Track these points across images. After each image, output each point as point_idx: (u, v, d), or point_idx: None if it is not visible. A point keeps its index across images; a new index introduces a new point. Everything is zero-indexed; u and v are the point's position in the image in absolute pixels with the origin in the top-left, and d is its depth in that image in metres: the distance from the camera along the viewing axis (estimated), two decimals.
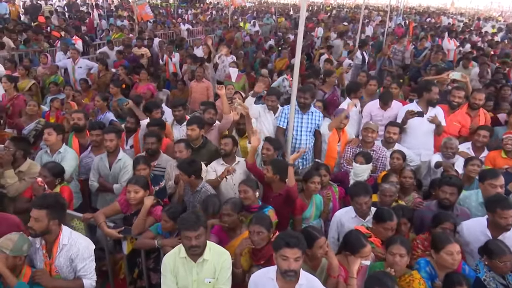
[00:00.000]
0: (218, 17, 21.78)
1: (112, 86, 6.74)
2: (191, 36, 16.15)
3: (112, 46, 10.67)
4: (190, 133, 4.51)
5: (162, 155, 4.56)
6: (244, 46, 12.75)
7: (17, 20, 13.65)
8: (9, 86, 6.38)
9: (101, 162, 4.46)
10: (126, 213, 3.69)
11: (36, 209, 2.82)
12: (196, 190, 3.92)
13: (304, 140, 5.00)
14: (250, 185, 3.60)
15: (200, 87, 7.60)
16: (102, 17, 17.25)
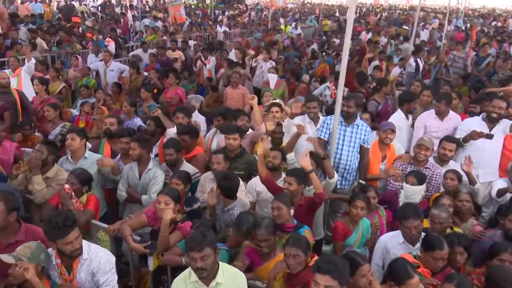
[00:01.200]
0: (257, 19, 22.07)
1: (143, 90, 6.97)
2: (228, 39, 16.45)
3: (146, 48, 11.03)
4: (231, 142, 4.57)
5: (184, 165, 4.62)
6: (284, 50, 12.82)
7: (50, 21, 14.45)
8: (40, 89, 6.73)
9: (130, 172, 4.57)
10: (154, 226, 3.77)
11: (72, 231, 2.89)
12: (228, 209, 3.93)
13: (345, 156, 4.87)
14: (284, 202, 3.58)
15: (235, 94, 7.71)
16: (136, 18, 17.93)
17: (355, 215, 3.90)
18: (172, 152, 4.48)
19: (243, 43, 13.07)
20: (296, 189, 3.88)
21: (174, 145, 4.53)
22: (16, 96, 6.36)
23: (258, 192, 4.36)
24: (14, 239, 3.08)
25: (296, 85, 9.48)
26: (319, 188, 3.84)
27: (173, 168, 4.52)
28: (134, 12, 18.83)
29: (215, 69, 10.31)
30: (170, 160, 4.50)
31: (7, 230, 3.10)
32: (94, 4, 23.54)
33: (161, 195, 3.63)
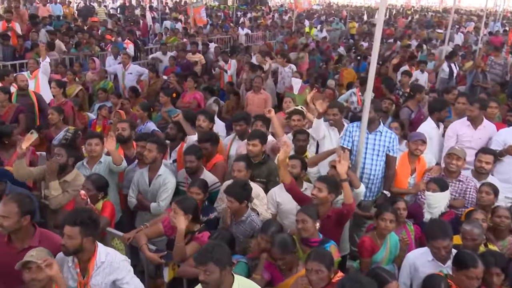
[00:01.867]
0: (280, 21, 22.14)
1: (162, 94, 7.06)
2: (250, 42, 16.56)
3: (165, 50, 11.18)
4: (251, 149, 4.60)
5: (205, 173, 4.65)
6: (309, 54, 12.80)
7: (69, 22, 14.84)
8: (58, 92, 6.89)
9: (141, 177, 4.62)
10: (170, 236, 3.80)
11: (69, 226, 2.98)
12: (241, 220, 3.92)
13: (369, 165, 4.78)
14: (310, 214, 3.54)
15: (257, 99, 7.73)
16: (155, 20, 18.24)
17: (383, 229, 3.83)
18: (193, 159, 4.51)
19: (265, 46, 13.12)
20: (326, 198, 3.84)
21: (196, 152, 4.57)
22: (33, 99, 6.54)
23: (279, 202, 4.35)
24: (28, 244, 3.15)
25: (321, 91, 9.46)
26: (349, 198, 3.80)
27: (193, 176, 4.55)
28: (153, 14, 19.16)
29: (236, 72, 10.38)
30: (190, 167, 4.52)
31: (20, 234, 3.16)
32: (113, 5, 24.07)
33: (174, 203, 3.65)
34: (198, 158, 4.54)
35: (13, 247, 3.17)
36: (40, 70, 7.65)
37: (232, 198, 3.82)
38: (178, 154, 5.17)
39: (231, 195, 3.83)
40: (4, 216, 3.07)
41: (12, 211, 3.09)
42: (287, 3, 39.03)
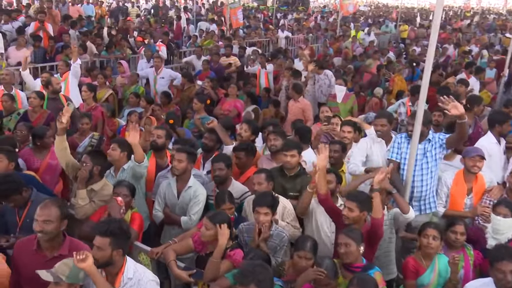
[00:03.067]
0: (324, 23, 22.13)
1: (196, 101, 7.15)
2: (290, 45, 16.62)
3: (200, 54, 11.36)
4: (289, 160, 4.60)
5: (233, 183, 4.67)
6: (355, 59, 12.72)
7: (101, 22, 15.40)
8: (88, 96, 7.13)
9: (168, 189, 4.63)
10: (200, 252, 3.83)
11: (99, 236, 3.06)
12: (269, 234, 3.91)
13: (419, 180, 4.70)
14: (354, 237, 3.49)
15: (294, 108, 7.72)
16: (190, 22, 18.62)
17: (425, 246, 3.79)
18: (222, 167, 4.55)
19: (308, 51, 13.11)
20: (358, 217, 3.82)
21: (225, 159, 4.62)
22: (64, 103, 6.79)
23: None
24: (58, 252, 3.26)
25: (367, 99, 9.37)
26: (377, 212, 3.77)
27: (221, 186, 4.59)
28: (188, 15, 19.57)
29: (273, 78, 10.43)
30: (219, 175, 4.56)
31: (53, 241, 3.29)
32: (147, 6, 24.76)
33: (206, 218, 3.69)
34: (227, 166, 4.57)
35: (43, 255, 3.29)
36: (70, 73, 7.93)
37: (264, 208, 3.82)
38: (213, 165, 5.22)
39: (262, 205, 3.83)
40: (46, 221, 3.20)
41: (55, 214, 3.23)
42: (331, 3, 39.00)
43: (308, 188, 4.19)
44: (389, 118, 5.28)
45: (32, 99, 6.38)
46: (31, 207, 3.92)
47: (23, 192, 3.94)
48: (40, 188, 4.39)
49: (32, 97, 6.39)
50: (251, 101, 8.32)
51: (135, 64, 11.39)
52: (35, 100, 6.37)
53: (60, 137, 4.48)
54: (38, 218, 3.21)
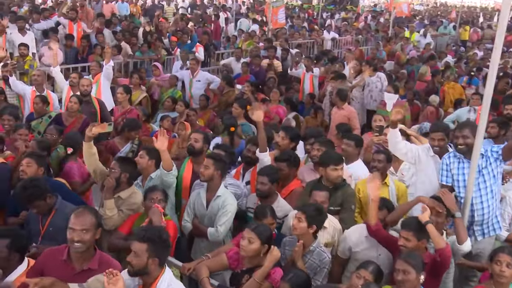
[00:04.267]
0: (375, 24, 21.91)
1: (236, 106, 7.21)
2: (337, 48, 16.52)
3: (239, 55, 11.44)
4: (340, 174, 4.59)
5: (279, 200, 4.66)
6: (408, 64, 12.52)
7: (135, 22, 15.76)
8: (124, 98, 7.25)
9: (197, 198, 4.68)
10: (235, 269, 3.82)
11: (137, 242, 3.10)
12: (309, 250, 3.90)
13: (477, 199, 4.52)
14: (414, 265, 3.41)
15: (338, 116, 7.65)
16: (229, 21, 18.82)
17: (498, 274, 3.63)
18: (265, 181, 4.55)
19: (357, 53, 13.01)
20: (417, 246, 3.74)
21: (271, 173, 4.61)
22: (96, 106, 6.96)
23: (353, 245, 4.26)
24: (87, 265, 3.33)
25: (422, 108, 9.19)
26: (439, 243, 3.69)
27: (265, 201, 4.59)
28: (227, 14, 19.79)
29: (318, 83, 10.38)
30: (261, 190, 4.56)
31: (85, 253, 3.36)
32: (183, 4, 25.21)
33: (247, 230, 3.69)
34: (272, 181, 4.57)
35: (72, 267, 3.36)
36: (102, 74, 8.12)
37: (300, 213, 3.82)
38: (252, 176, 5.23)
39: (302, 212, 3.84)
40: (84, 230, 3.28)
41: (91, 222, 3.33)
42: (383, 2, 38.58)
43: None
44: (446, 131, 5.11)
45: (72, 104, 6.48)
46: (55, 215, 4.04)
47: (47, 198, 4.03)
48: (69, 196, 4.50)
49: (73, 102, 6.49)
50: (291, 107, 8.31)
51: (170, 66, 11.60)
52: (76, 105, 6.48)
53: (88, 144, 4.62)
54: (75, 227, 3.28)
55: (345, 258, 4.32)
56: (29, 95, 7.26)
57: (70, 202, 4.30)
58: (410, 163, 5.27)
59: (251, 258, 3.68)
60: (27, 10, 14.69)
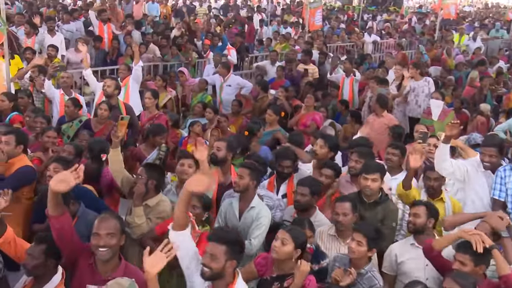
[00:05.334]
0: (420, 26, 21.67)
1: (270, 112, 7.27)
2: (378, 51, 16.41)
3: (275, 59, 11.46)
4: (369, 184, 4.56)
5: (318, 214, 4.66)
6: (456, 69, 12.33)
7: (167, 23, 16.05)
8: (152, 103, 7.35)
9: (230, 208, 4.69)
10: (264, 275, 3.82)
11: (215, 243, 3.17)
12: (360, 273, 3.87)
13: None
14: (464, 285, 3.37)
15: (377, 123, 7.56)
16: (263, 23, 18.94)
17: None
18: (306, 193, 4.53)
19: (399, 57, 12.89)
20: (473, 271, 3.67)
21: (312, 185, 4.60)
22: (123, 111, 7.10)
23: (399, 254, 4.25)
24: (112, 275, 3.40)
25: (470, 118, 9.03)
26: (504, 269, 3.59)
27: (302, 214, 4.58)
28: (261, 15, 19.91)
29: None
30: (301, 201, 4.55)
31: (111, 260, 3.45)
32: (216, 5, 25.50)
33: (282, 231, 3.70)
34: (312, 193, 4.56)
35: (98, 274, 3.46)
36: (131, 77, 8.24)
37: (363, 238, 3.79)
38: (289, 187, 5.23)
39: (363, 235, 3.81)
40: (110, 234, 3.37)
41: (116, 227, 3.42)
42: (428, 3, 38.13)
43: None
44: (500, 147, 4.98)
45: (103, 111, 6.55)
46: (77, 223, 4.13)
47: (70, 205, 4.13)
48: (95, 203, 4.62)
49: (103, 109, 6.56)
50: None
51: (201, 69, 11.74)
52: (106, 112, 6.54)
53: (115, 150, 4.73)
54: (100, 232, 3.36)
55: (393, 274, 4.30)
56: (57, 98, 7.48)
57: (96, 209, 4.42)
58: (458, 181, 5.18)
59: (281, 263, 3.68)
60: (53, 11, 15.16)
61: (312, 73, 11.10)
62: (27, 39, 10.23)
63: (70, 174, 3.27)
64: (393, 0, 31.66)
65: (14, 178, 4.71)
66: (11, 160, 4.81)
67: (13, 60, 8.39)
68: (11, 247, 3.74)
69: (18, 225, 4.72)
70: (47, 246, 3.51)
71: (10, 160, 4.79)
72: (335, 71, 10.96)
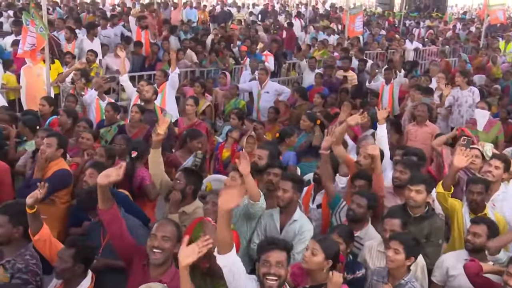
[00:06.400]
0: (465, 33, 21.29)
1: (305, 118, 7.25)
2: (420, 59, 16.18)
3: (314, 65, 11.45)
4: (412, 195, 4.48)
5: (369, 228, 4.59)
6: (503, 79, 12.03)
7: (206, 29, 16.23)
8: (193, 110, 7.45)
9: (270, 220, 4.65)
10: (299, 286, 3.82)
11: (280, 251, 3.28)
12: (400, 284, 3.82)
13: None
14: None
15: (420, 133, 7.46)
16: (302, 29, 18.92)
17: None
18: (363, 204, 4.48)
19: (442, 65, 12.68)
20: None
21: (370, 197, 4.55)
22: (159, 116, 7.20)
23: (451, 267, 4.19)
24: (160, 278, 3.46)
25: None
26: None
27: (354, 225, 4.51)
28: (300, 22, 19.91)
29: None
30: (356, 212, 4.49)
31: (163, 265, 3.52)
32: (254, 10, 25.64)
33: (313, 241, 3.70)
34: (369, 206, 4.50)
35: (148, 275, 3.54)
36: (168, 83, 8.42)
37: (401, 246, 3.74)
38: (324, 198, 5.17)
39: (400, 242, 3.76)
40: (165, 237, 3.46)
41: (173, 233, 3.52)
42: (474, 9, 37.42)
43: None
44: None
45: (134, 114, 6.70)
46: None
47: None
48: (132, 209, 4.66)
49: (134, 111, 6.72)
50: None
51: (238, 75, 11.81)
52: (137, 114, 6.69)
53: (155, 151, 4.77)
54: (157, 234, 3.49)
55: (442, 285, 4.25)
56: (94, 104, 7.66)
57: (132, 215, 4.45)
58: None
59: (314, 273, 3.66)
60: (93, 16, 15.54)
61: (351, 80, 11.04)
62: (67, 44, 10.53)
63: (113, 170, 3.54)
64: (436, 6, 31.26)
65: (50, 181, 4.81)
66: (50, 163, 4.95)
67: (53, 64, 8.67)
68: (46, 246, 3.85)
69: (54, 228, 4.82)
70: (76, 250, 3.62)
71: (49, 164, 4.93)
72: (375, 79, 10.85)
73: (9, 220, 3.83)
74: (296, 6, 27.86)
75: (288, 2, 31.57)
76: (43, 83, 8.34)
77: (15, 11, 15.12)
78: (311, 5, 26.16)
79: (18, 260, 3.87)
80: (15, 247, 3.89)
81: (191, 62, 11.56)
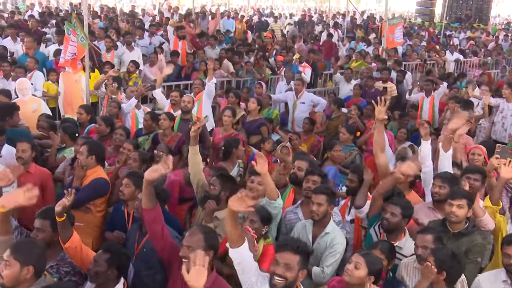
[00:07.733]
0: (507, 44, 20.84)
1: (344, 131, 7.24)
2: (460, 70, 15.91)
3: (350, 76, 11.44)
4: (453, 210, 4.40)
5: (407, 239, 4.52)
6: None
7: (242, 39, 16.35)
8: (230, 121, 7.48)
9: (303, 232, 4.66)
10: None
11: (291, 253, 3.28)
12: None
13: None
14: None
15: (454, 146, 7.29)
16: (340, 39, 18.88)
17: None
18: (397, 213, 4.41)
19: (485, 78, 12.43)
20: None
21: (405, 206, 4.49)
22: (194, 117, 7.26)
23: None
24: None
25: None
26: None
27: (390, 236, 4.49)
28: (338, 32, 19.86)
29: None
30: (390, 221, 4.42)
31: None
32: (290, 21, 25.72)
33: (356, 254, 3.69)
34: (404, 215, 4.43)
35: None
36: (204, 92, 8.53)
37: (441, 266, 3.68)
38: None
39: (440, 262, 3.69)
40: (190, 247, 3.52)
41: (199, 243, 3.54)
42: None
43: None
44: None
45: (162, 121, 6.81)
46: None
47: None
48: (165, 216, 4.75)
49: (162, 118, 6.83)
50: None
51: (274, 85, 11.85)
52: (165, 121, 6.79)
53: (193, 148, 4.90)
54: (184, 243, 3.59)
55: None
56: (130, 112, 7.83)
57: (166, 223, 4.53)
58: None
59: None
60: (129, 26, 15.87)
61: (390, 91, 10.93)
62: (107, 53, 10.79)
63: (161, 163, 3.68)
64: (478, 16, 30.65)
65: (86, 190, 4.96)
66: (87, 171, 5.07)
67: (93, 73, 8.90)
68: (77, 253, 3.96)
69: (89, 236, 4.98)
70: (111, 255, 3.73)
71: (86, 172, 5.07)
72: (414, 90, 10.72)
73: (51, 225, 3.97)
74: (333, 16, 27.73)
75: (326, 12, 31.45)
76: (80, 89, 8.59)
77: (57, 21, 15.58)
78: (349, 16, 26.08)
79: (61, 264, 4.02)
80: (54, 251, 4.03)
81: (227, 73, 11.67)
